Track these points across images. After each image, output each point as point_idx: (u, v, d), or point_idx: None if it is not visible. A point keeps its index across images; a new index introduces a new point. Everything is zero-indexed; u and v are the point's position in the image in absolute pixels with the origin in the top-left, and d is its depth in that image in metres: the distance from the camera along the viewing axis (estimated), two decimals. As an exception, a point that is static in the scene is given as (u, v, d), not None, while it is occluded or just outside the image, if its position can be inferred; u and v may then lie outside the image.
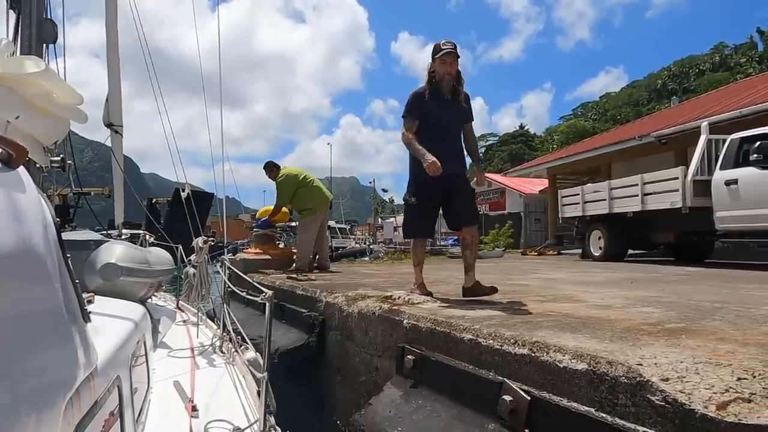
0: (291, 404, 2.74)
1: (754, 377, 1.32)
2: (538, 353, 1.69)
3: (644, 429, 1.32)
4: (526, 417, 1.63)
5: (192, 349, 2.81)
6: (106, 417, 1.14)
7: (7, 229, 0.75)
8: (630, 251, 9.40)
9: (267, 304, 2.01)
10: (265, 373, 1.86)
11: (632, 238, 8.57)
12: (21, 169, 0.90)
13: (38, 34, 3.03)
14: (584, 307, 2.63)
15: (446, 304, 2.73)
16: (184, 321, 3.67)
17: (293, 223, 9.58)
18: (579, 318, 2.24)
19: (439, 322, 2.24)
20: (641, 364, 1.42)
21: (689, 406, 1.23)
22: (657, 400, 1.31)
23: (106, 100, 4.39)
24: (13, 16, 3.02)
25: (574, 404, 1.52)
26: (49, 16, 3.18)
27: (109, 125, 4.38)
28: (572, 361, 1.57)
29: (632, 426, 1.35)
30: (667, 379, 1.33)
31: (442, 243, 19.40)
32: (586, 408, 1.48)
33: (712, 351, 1.57)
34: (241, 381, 2.34)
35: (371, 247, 19.97)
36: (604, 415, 1.43)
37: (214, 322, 3.43)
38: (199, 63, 4.96)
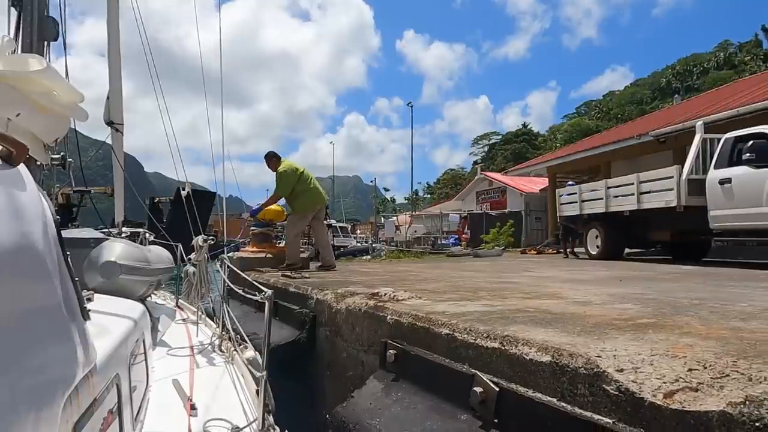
0: (283, 399, 2.81)
1: (705, 368, 1.38)
2: (508, 346, 1.76)
3: (599, 417, 1.39)
4: (495, 407, 1.70)
5: (191, 348, 2.81)
6: (104, 415, 1.14)
7: (6, 226, 0.75)
8: (628, 250, 9.47)
9: (267, 303, 2.01)
10: (264, 372, 1.87)
11: (629, 236, 8.62)
12: (21, 166, 0.90)
13: (39, 31, 3.04)
14: (564, 303, 2.70)
15: (430, 301, 2.79)
16: (184, 319, 3.68)
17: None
18: (555, 314, 2.31)
19: (419, 317, 2.31)
20: (600, 356, 1.49)
21: (639, 394, 1.30)
22: (611, 389, 1.38)
23: (107, 98, 4.41)
24: (14, 13, 3.03)
25: (538, 394, 1.59)
26: (50, 14, 3.18)
27: (109, 123, 4.40)
28: (537, 353, 1.64)
29: (588, 414, 1.42)
30: (622, 370, 1.40)
31: (443, 243, 19.47)
32: (548, 398, 1.55)
33: (672, 344, 1.63)
34: (240, 380, 2.34)
35: (374, 245, 20.09)
36: (564, 404, 1.50)
37: (213, 320, 3.43)
38: (200, 62, 5.02)
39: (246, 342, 2.67)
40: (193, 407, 1.91)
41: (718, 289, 3.55)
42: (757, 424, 1.07)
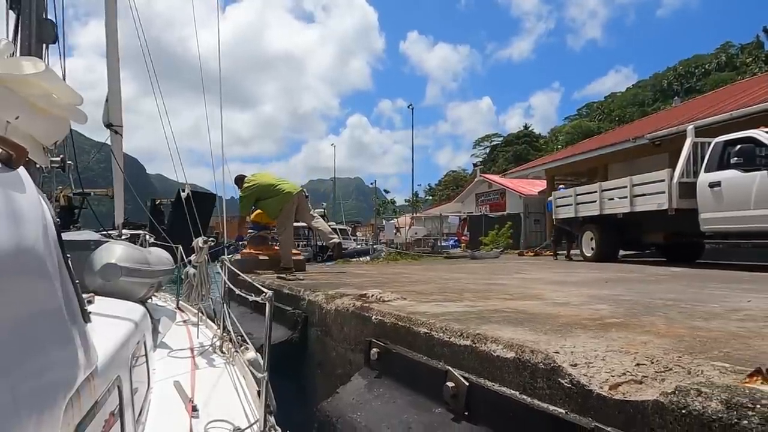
0: (276, 398, 2.90)
1: (652, 363, 1.50)
2: (478, 344, 1.88)
3: (554, 408, 1.51)
4: (466, 401, 1.82)
5: (192, 349, 2.80)
6: (106, 417, 1.14)
7: (6, 229, 0.75)
8: (624, 252, 9.57)
9: (267, 304, 2.03)
10: (266, 373, 1.88)
11: (623, 239, 8.73)
12: (21, 169, 0.90)
13: (38, 34, 3.04)
14: (543, 304, 2.81)
15: (414, 302, 2.91)
16: (184, 321, 3.65)
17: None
18: (531, 314, 2.42)
19: (401, 317, 2.43)
20: (558, 353, 1.61)
21: (588, 387, 1.42)
22: (565, 382, 1.50)
23: (106, 100, 4.38)
24: (12, 16, 3.02)
25: (504, 388, 1.71)
26: (48, 17, 3.17)
27: (108, 125, 4.36)
28: (503, 350, 1.76)
29: (545, 406, 1.54)
30: (576, 365, 1.52)
31: (442, 244, 19.58)
32: (512, 391, 1.67)
33: (628, 342, 1.75)
34: (241, 381, 2.34)
35: (374, 247, 20.21)
36: (525, 397, 1.62)
37: (214, 322, 3.44)
38: (203, 63, 5.08)
39: (247, 343, 2.70)
40: (194, 408, 1.92)
41: (698, 290, 3.66)
42: (683, 411, 1.19)
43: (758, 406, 1.08)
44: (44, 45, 3.17)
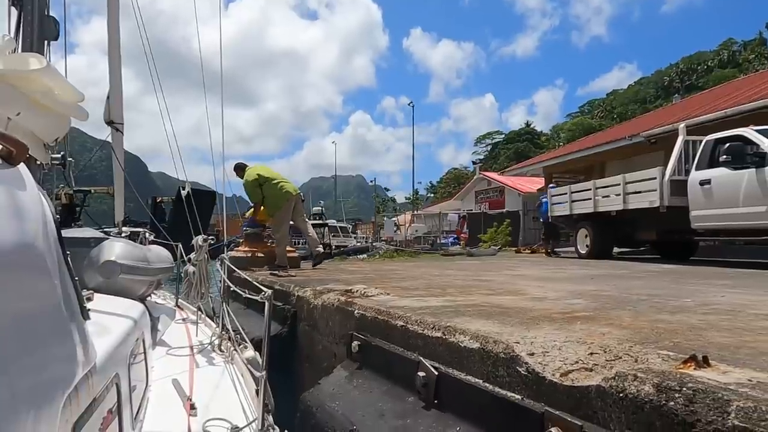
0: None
1: (605, 352, 1.58)
2: (448, 335, 1.97)
3: (511, 394, 1.60)
4: (435, 389, 1.91)
5: (191, 348, 2.81)
6: (104, 414, 1.14)
7: (6, 225, 0.75)
8: (618, 249, 9.64)
9: (266, 303, 2.01)
10: (264, 372, 1.87)
11: (617, 236, 8.80)
12: (21, 166, 0.90)
13: (40, 31, 3.05)
14: (520, 299, 2.90)
15: (397, 297, 3.00)
16: (184, 319, 3.67)
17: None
18: (505, 308, 2.51)
19: (381, 311, 2.53)
20: (518, 343, 1.70)
21: (542, 374, 1.52)
22: (522, 370, 1.59)
23: (107, 97, 4.35)
24: (14, 13, 3.04)
25: (469, 377, 1.80)
26: (51, 14, 3.18)
27: (109, 123, 4.35)
28: (470, 341, 1.85)
29: (504, 393, 1.63)
30: (533, 354, 1.61)
31: (442, 242, 19.67)
32: (476, 380, 1.76)
33: (588, 333, 1.84)
34: (239, 380, 2.35)
35: (374, 244, 20.31)
36: (488, 385, 1.71)
37: (213, 320, 3.45)
38: (210, 60, 5.10)
39: (246, 342, 2.71)
40: (192, 407, 1.92)
41: (678, 286, 3.74)
42: (620, 394, 1.28)
43: (684, 388, 1.17)
44: (46, 42, 3.18)
